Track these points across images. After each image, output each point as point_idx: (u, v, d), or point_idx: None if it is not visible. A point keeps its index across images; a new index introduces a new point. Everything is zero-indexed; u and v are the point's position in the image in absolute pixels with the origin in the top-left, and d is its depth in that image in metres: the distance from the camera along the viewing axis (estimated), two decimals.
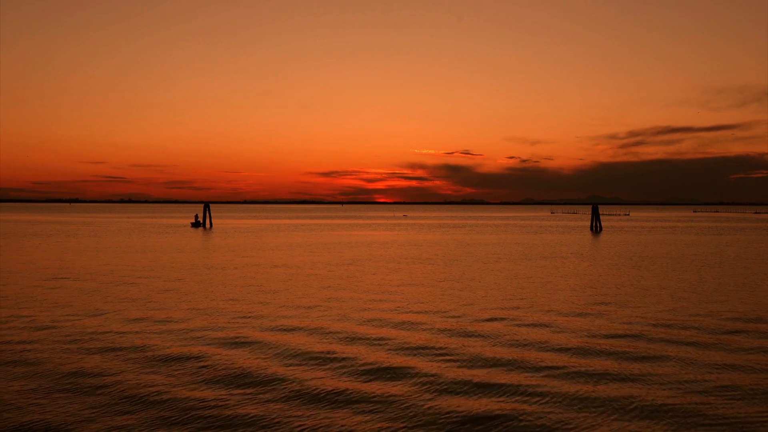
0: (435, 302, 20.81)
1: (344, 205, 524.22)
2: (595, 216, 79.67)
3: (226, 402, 10.57)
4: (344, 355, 13.59)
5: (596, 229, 77.79)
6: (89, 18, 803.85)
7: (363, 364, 12.84)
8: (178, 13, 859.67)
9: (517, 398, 10.85)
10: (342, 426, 9.53)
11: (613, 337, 15.60)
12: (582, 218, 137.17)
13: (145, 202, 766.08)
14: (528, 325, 17.04)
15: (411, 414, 10.05)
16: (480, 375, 12.17)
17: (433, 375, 12.13)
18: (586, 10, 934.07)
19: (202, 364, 12.90)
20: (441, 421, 9.76)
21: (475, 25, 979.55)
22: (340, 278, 27.36)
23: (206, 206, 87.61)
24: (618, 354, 13.89)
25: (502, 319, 17.87)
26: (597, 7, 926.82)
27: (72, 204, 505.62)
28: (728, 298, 22.05)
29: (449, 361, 13.21)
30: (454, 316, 18.24)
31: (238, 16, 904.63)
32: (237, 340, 15.06)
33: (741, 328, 16.57)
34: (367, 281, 26.39)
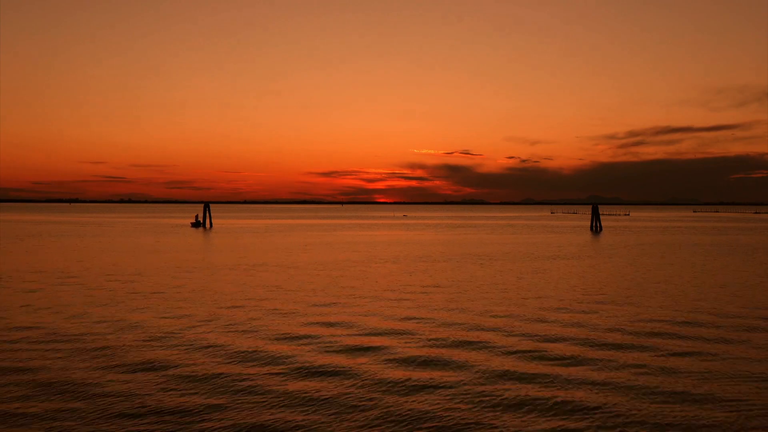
0: (458, 302, 20.96)
1: (344, 205, 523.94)
2: (595, 216, 79.71)
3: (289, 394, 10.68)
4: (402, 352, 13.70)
5: (596, 229, 77.83)
6: (89, 19, 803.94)
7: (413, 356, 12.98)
8: (178, 13, 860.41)
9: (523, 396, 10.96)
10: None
11: (616, 337, 15.73)
12: (582, 218, 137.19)
13: (145, 202, 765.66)
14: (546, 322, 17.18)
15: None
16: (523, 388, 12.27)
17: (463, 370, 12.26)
18: (585, 10, 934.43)
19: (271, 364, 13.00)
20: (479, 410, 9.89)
21: (475, 26, 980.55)
22: (395, 275, 27.51)
23: (206, 206, 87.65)
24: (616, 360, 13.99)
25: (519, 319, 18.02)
26: (597, 7, 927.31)
27: (72, 204, 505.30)
28: (737, 297, 22.19)
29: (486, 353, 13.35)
30: (492, 327, 18.34)
31: (239, 17, 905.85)
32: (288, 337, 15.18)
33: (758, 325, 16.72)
34: (417, 280, 26.53)
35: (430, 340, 15.18)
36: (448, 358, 13.41)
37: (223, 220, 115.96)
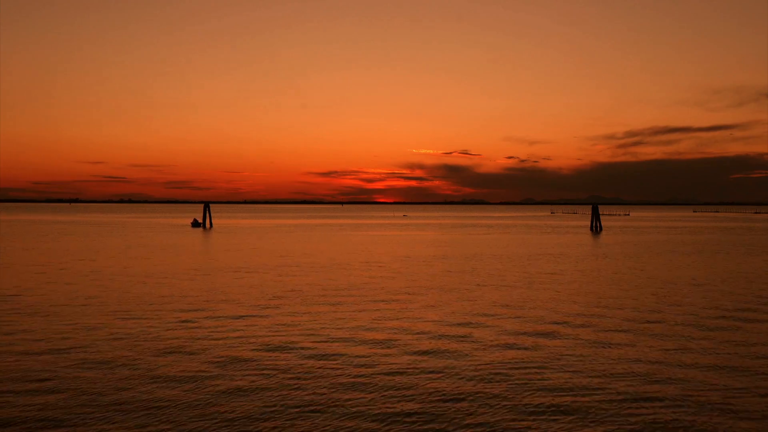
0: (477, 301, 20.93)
1: (344, 206, 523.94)
2: (595, 216, 79.65)
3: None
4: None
5: (596, 229, 77.79)
6: (89, 20, 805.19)
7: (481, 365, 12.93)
8: (180, 16, 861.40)
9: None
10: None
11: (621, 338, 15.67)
12: (582, 218, 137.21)
13: (145, 202, 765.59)
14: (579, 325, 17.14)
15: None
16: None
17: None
18: (583, 11, 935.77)
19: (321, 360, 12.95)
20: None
21: (474, 27, 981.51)
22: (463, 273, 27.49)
23: (206, 206, 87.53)
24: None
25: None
26: (594, 8, 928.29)
27: (72, 204, 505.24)
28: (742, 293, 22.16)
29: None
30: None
31: (240, 21, 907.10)
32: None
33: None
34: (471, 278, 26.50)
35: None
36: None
37: (223, 220, 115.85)
